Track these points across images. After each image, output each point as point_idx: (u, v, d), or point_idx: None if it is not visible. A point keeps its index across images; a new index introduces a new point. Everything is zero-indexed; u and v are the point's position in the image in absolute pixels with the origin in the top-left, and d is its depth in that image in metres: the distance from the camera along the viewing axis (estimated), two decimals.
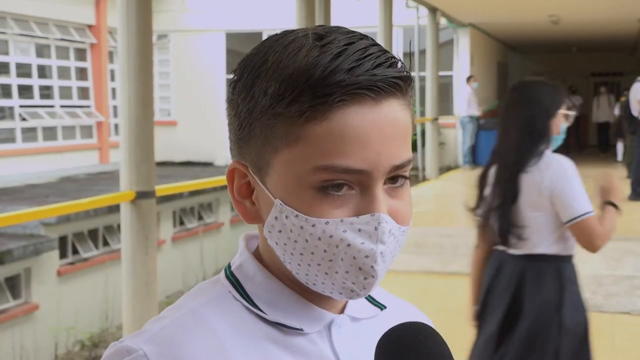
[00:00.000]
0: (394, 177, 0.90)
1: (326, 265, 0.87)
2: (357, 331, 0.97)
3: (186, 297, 0.95)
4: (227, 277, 0.96)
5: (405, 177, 0.91)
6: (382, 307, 1.01)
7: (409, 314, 1.03)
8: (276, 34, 0.92)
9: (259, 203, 0.92)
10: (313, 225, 0.86)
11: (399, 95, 0.88)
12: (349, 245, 0.86)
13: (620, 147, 18.40)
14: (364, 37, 0.89)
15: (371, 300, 1.01)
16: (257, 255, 0.97)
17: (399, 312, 1.01)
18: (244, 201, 0.93)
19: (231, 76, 0.94)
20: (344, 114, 0.85)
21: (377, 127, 0.86)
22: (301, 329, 0.92)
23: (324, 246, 0.87)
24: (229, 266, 0.97)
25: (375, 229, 0.86)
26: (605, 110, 19.29)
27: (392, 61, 0.88)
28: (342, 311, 0.97)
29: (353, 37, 0.88)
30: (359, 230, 0.86)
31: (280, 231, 0.89)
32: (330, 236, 0.86)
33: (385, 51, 0.88)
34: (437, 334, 0.87)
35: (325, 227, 0.86)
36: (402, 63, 0.89)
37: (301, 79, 0.85)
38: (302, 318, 0.93)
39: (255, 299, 0.93)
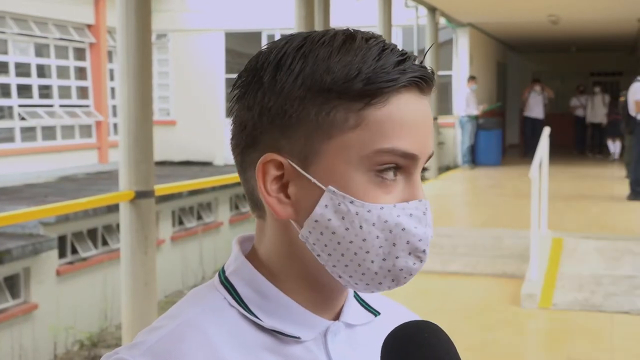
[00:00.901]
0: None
1: (375, 252, 0.88)
2: (352, 338, 0.96)
3: (181, 305, 0.94)
4: (221, 282, 0.95)
5: (424, 169, 0.95)
6: (376, 313, 1.01)
7: (403, 317, 1.01)
8: (298, 33, 0.93)
9: (297, 196, 0.90)
10: (369, 211, 0.88)
11: (431, 92, 0.94)
12: (403, 229, 0.89)
13: (611, 145, 18.42)
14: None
15: (365, 305, 1.01)
16: (251, 257, 0.96)
17: (393, 317, 1.01)
18: (278, 195, 0.91)
19: (244, 74, 0.94)
20: (400, 100, 0.89)
21: (424, 116, 0.92)
22: (298, 337, 0.91)
23: (377, 232, 0.88)
24: (223, 271, 0.96)
25: (424, 213, 0.91)
26: (599, 111, 18.91)
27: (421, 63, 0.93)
28: (336, 318, 0.96)
29: (383, 38, 0.93)
30: (410, 215, 0.89)
31: (330, 219, 0.88)
32: (385, 221, 0.88)
33: None
34: (442, 331, 0.88)
35: (380, 212, 0.88)
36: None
37: (360, 66, 0.87)
38: (299, 325, 0.92)
39: (251, 305, 0.92)
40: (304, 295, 0.93)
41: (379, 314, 1.01)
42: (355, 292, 1.01)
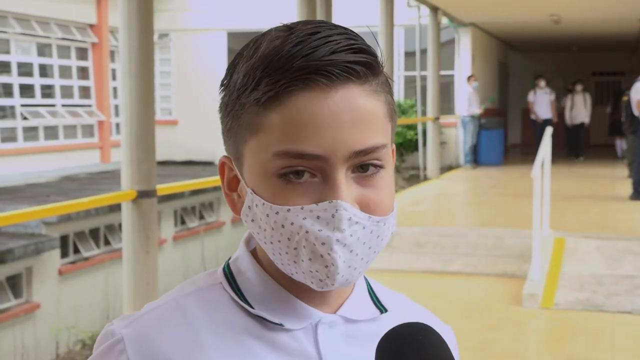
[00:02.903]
0: (364, 166, 0.89)
1: (293, 254, 0.88)
2: (351, 332, 0.96)
3: (180, 286, 0.99)
4: (223, 269, 0.98)
5: (378, 166, 0.89)
6: (382, 309, 0.99)
7: (415, 316, 0.99)
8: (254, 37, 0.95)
9: (242, 195, 0.94)
10: (277, 213, 0.88)
11: (359, 81, 0.87)
12: (307, 232, 0.87)
13: (618, 144, 18.16)
14: (335, 27, 0.89)
15: (375, 301, 1.00)
16: (255, 250, 0.98)
17: (404, 315, 0.98)
18: (232, 194, 0.96)
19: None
20: (297, 100, 0.86)
21: (331, 113, 0.86)
22: (281, 324, 0.92)
23: (288, 234, 0.88)
24: (229, 259, 1.00)
25: (333, 216, 0.86)
26: (580, 111, 17.45)
27: (355, 48, 0.87)
28: (336, 311, 0.96)
29: (320, 27, 0.88)
30: (318, 217, 0.86)
31: (252, 220, 0.91)
32: (292, 223, 0.87)
33: (353, 39, 0.88)
34: (436, 333, 0.87)
35: (287, 215, 0.87)
36: (369, 49, 0.89)
37: (260, 68, 0.87)
38: (287, 314, 0.93)
39: (246, 292, 0.94)
40: (295, 286, 0.94)
41: (386, 311, 1.00)
42: (369, 286, 1.01)
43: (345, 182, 0.87)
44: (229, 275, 0.96)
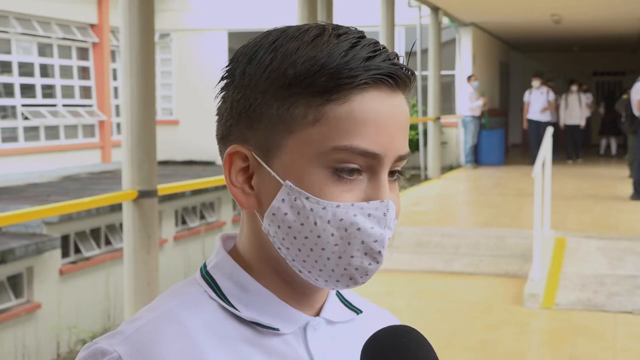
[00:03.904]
0: (392, 172, 0.92)
1: (330, 250, 0.88)
2: (333, 334, 0.97)
3: (162, 298, 0.94)
4: (202, 276, 0.95)
5: (400, 173, 0.93)
6: (358, 311, 1.01)
7: (384, 319, 1.04)
8: (278, 27, 0.93)
9: (259, 188, 0.91)
10: (324, 208, 0.87)
11: (407, 90, 0.92)
12: (359, 229, 0.87)
13: (603, 143, 18.03)
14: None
15: (347, 304, 1.01)
16: (233, 253, 0.97)
17: (375, 317, 1.02)
18: (242, 186, 0.93)
19: (228, 65, 0.94)
20: (364, 97, 0.88)
21: (392, 115, 0.89)
22: (277, 329, 0.92)
23: (333, 229, 0.87)
24: (205, 266, 0.97)
25: (384, 215, 0.88)
26: (575, 112, 16.88)
27: (399, 58, 0.92)
28: (317, 314, 0.97)
29: (362, 33, 0.91)
30: (369, 215, 0.88)
31: (286, 214, 0.88)
32: (341, 219, 0.87)
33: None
34: (421, 335, 0.88)
35: (336, 210, 0.87)
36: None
37: (323, 62, 0.87)
38: (278, 318, 0.93)
39: (231, 298, 0.93)
40: (282, 289, 0.94)
41: (361, 312, 1.01)
42: (337, 290, 1.01)
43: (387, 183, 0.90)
44: (212, 282, 0.94)
